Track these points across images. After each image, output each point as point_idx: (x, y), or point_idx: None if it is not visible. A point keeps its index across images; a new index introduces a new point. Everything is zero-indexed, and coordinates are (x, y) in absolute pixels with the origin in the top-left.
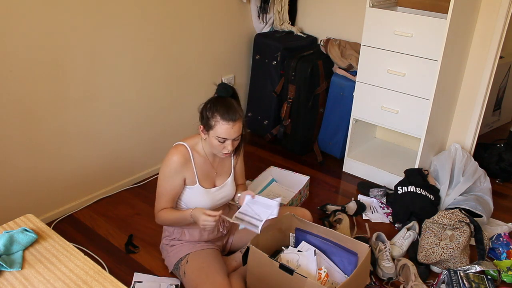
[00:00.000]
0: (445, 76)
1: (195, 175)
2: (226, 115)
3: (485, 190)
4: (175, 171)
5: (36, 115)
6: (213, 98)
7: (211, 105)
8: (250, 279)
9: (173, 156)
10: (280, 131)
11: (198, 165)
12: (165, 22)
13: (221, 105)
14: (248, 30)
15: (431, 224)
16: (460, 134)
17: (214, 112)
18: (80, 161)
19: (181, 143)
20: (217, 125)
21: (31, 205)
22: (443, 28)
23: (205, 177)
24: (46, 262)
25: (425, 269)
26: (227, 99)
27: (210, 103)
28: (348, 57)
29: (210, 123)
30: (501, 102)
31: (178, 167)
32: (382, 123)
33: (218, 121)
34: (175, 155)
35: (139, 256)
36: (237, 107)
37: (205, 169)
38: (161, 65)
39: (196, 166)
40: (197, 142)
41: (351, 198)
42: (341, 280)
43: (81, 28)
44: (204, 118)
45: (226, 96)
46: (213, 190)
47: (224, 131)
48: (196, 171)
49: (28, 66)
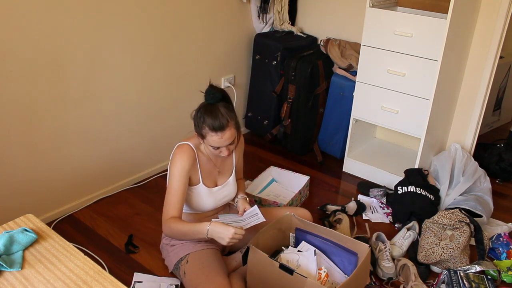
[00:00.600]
0: (445, 76)
1: (199, 174)
2: (214, 126)
3: (485, 190)
4: (186, 171)
5: (36, 115)
6: (202, 106)
7: (200, 115)
8: (250, 279)
9: (182, 156)
10: (280, 131)
11: (202, 164)
12: (165, 22)
13: (209, 115)
14: (248, 30)
15: (431, 224)
16: (460, 134)
17: (202, 123)
18: (80, 161)
19: (186, 143)
20: (207, 135)
21: (31, 205)
22: (443, 28)
23: (208, 176)
24: (46, 262)
25: (425, 269)
26: (214, 106)
27: (199, 112)
28: (348, 57)
29: (202, 133)
30: (501, 102)
31: (188, 167)
32: (382, 123)
33: (208, 132)
34: (184, 155)
35: (139, 256)
36: (225, 113)
37: (208, 168)
38: (161, 65)
39: (201, 165)
40: (200, 142)
41: (351, 198)
42: (341, 280)
43: (81, 28)
44: (196, 127)
45: (214, 102)
46: (216, 189)
47: (215, 141)
48: (200, 171)
49: (28, 66)
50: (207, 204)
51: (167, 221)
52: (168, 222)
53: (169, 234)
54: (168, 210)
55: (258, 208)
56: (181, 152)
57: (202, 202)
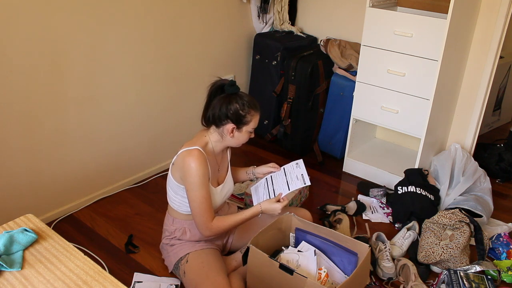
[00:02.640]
0: (445, 76)
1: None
2: (256, 105)
3: (485, 190)
4: (208, 177)
5: (36, 115)
6: (232, 97)
7: (242, 103)
8: (250, 279)
9: (201, 162)
10: (280, 131)
11: (210, 166)
12: (165, 22)
13: (246, 100)
14: (248, 30)
15: (431, 224)
16: (460, 134)
17: (247, 108)
18: (80, 161)
19: (195, 148)
20: (253, 118)
21: (31, 205)
22: (443, 28)
23: (214, 176)
24: (46, 262)
25: (425, 269)
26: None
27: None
28: (348, 57)
29: (246, 120)
30: (501, 102)
31: (207, 171)
32: (382, 123)
33: (253, 115)
34: (202, 161)
35: (139, 256)
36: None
37: (214, 168)
38: (161, 65)
39: (210, 167)
40: (206, 143)
41: (351, 198)
42: (341, 280)
43: (81, 28)
44: (236, 118)
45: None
46: (219, 188)
47: (257, 121)
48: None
49: (28, 66)
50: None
51: (211, 226)
52: (213, 225)
53: (216, 233)
54: (207, 218)
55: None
56: (197, 159)
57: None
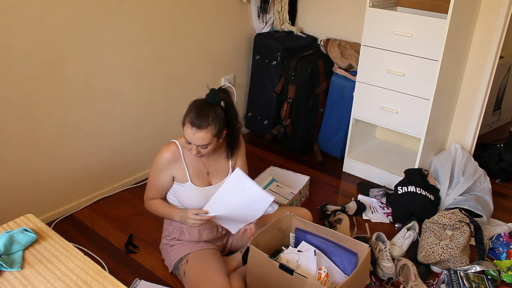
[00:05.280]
0: (445, 76)
1: (186, 172)
2: (194, 120)
3: (485, 190)
4: (163, 168)
5: (35, 115)
6: (200, 100)
7: (191, 106)
8: (250, 279)
9: (163, 153)
10: (280, 131)
11: (189, 163)
12: (165, 22)
13: (197, 109)
14: (248, 30)
15: (431, 224)
16: (460, 134)
17: (188, 113)
18: (80, 160)
19: (174, 141)
20: (185, 125)
21: (31, 205)
22: (443, 28)
23: (198, 175)
24: (46, 262)
25: (425, 269)
26: (209, 106)
27: (193, 104)
28: (348, 57)
29: (183, 122)
30: (501, 102)
31: (166, 164)
32: (382, 123)
33: (186, 123)
34: (165, 152)
35: (139, 256)
36: (212, 117)
37: (197, 167)
38: (161, 64)
39: (187, 164)
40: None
41: (351, 198)
42: (341, 280)
43: (81, 28)
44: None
45: (211, 103)
46: (208, 188)
47: (188, 134)
48: (187, 169)
49: (28, 66)
50: (200, 202)
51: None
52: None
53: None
54: (147, 194)
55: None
56: (163, 149)
57: (193, 200)
